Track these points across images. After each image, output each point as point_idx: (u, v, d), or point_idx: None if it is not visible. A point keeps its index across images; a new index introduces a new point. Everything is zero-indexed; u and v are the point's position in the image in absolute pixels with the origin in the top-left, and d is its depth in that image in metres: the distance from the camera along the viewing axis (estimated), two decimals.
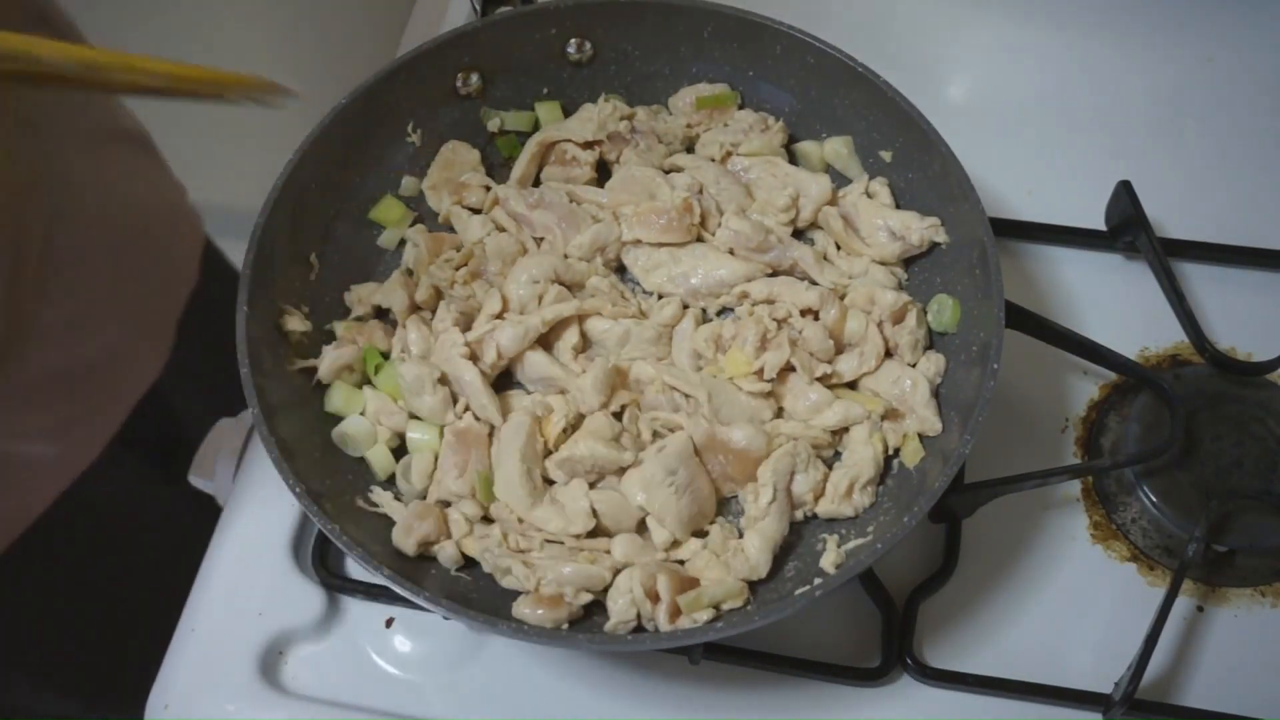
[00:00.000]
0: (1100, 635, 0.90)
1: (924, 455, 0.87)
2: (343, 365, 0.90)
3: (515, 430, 0.86)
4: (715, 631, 0.77)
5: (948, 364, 0.90)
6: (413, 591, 0.76)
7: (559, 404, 0.88)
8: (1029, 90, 1.17)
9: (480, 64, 1.00)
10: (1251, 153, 1.13)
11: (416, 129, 1.00)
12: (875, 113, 0.96)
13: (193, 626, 0.91)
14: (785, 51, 0.98)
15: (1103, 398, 0.99)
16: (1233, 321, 1.02)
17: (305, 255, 0.93)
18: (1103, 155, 1.12)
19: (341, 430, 0.89)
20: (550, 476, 0.87)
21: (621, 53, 1.02)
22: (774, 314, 0.90)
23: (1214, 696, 0.87)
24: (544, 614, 0.79)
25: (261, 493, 0.96)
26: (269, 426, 0.81)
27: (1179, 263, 1.04)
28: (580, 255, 0.95)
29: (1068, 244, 1.06)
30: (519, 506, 0.85)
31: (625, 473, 0.86)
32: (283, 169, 0.90)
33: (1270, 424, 0.95)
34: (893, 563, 0.91)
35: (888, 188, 0.97)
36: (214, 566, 0.94)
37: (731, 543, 0.84)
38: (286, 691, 0.88)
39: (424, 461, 0.88)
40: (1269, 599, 0.91)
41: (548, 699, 0.88)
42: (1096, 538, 0.94)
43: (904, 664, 0.87)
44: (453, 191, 0.99)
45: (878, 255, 0.95)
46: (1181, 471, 0.93)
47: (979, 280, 0.88)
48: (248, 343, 0.83)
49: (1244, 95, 1.16)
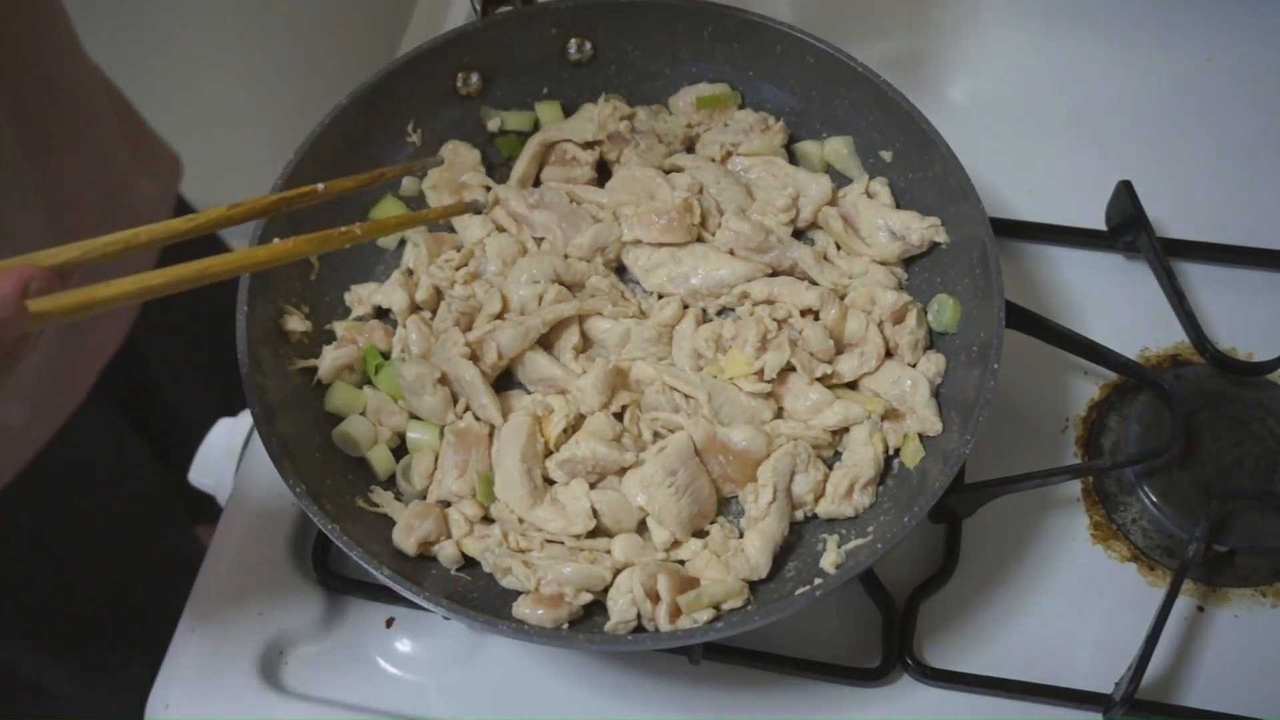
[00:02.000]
0: (1100, 635, 0.89)
1: (924, 455, 0.87)
2: (343, 365, 0.90)
3: (515, 430, 0.86)
4: (715, 631, 0.77)
5: (948, 364, 0.90)
6: (413, 591, 0.76)
7: (559, 404, 0.88)
8: (1029, 90, 1.17)
9: (480, 64, 1.00)
10: (1251, 153, 1.13)
11: (416, 129, 1.00)
12: (876, 113, 0.96)
13: (193, 626, 0.91)
14: (785, 51, 0.98)
15: (1103, 398, 0.99)
16: (1233, 321, 1.02)
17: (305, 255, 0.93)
18: (1103, 155, 1.12)
19: (341, 430, 0.89)
20: (551, 476, 0.87)
21: (621, 53, 1.02)
22: (774, 314, 0.90)
23: (1214, 696, 0.87)
24: (544, 614, 0.80)
25: (261, 493, 0.96)
26: (269, 426, 0.81)
27: (1179, 263, 1.04)
28: (580, 255, 0.95)
29: (1068, 244, 1.06)
30: (519, 506, 0.85)
31: (625, 473, 0.86)
32: (283, 169, 0.90)
33: (1270, 424, 0.95)
34: (893, 563, 0.91)
35: (888, 188, 0.97)
36: (214, 566, 0.94)
37: (732, 543, 0.84)
38: (286, 691, 0.88)
39: (424, 461, 0.88)
40: (1269, 599, 0.91)
41: (548, 699, 0.88)
42: (1097, 538, 0.94)
43: (904, 664, 0.87)
44: (453, 191, 0.99)
45: (878, 255, 0.95)
46: (1182, 471, 0.93)
47: (979, 280, 0.88)
48: (248, 343, 0.84)
49: (1244, 95, 1.16)
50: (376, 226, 0.81)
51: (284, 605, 0.91)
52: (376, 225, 0.81)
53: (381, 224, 0.85)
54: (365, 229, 0.76)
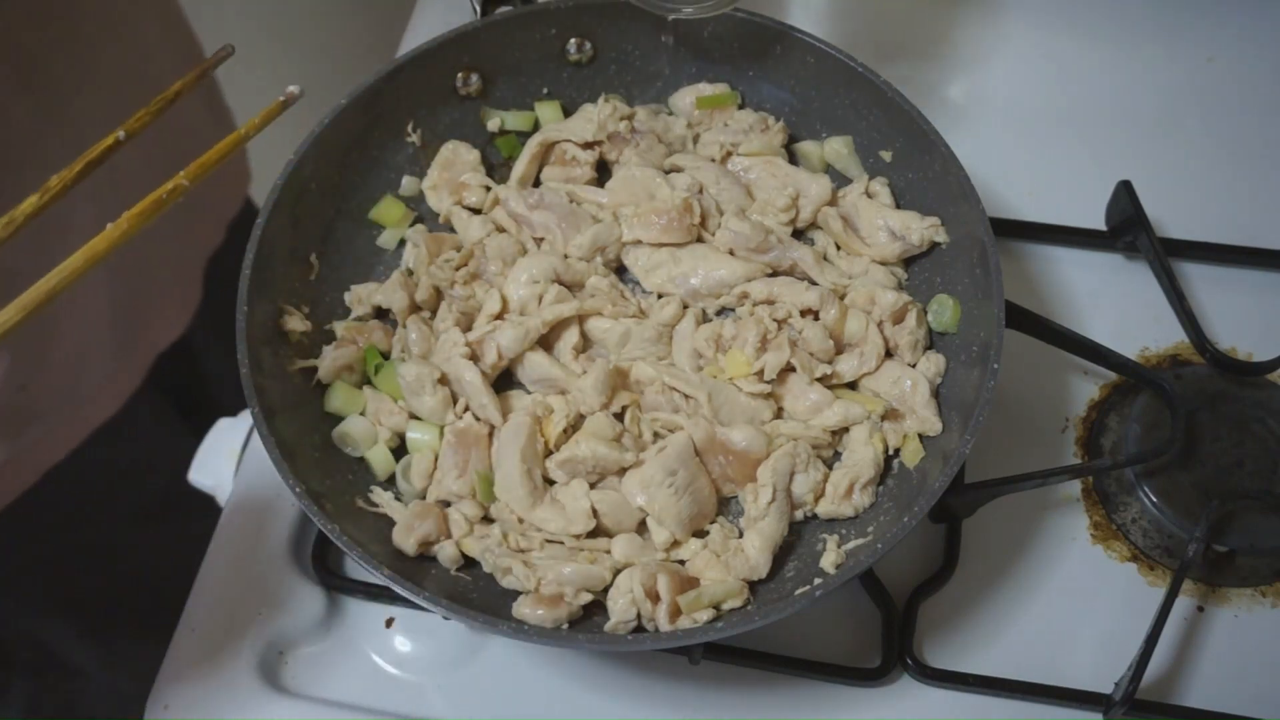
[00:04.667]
0: (1100, 635, 0.89)
1: (924, 455, 0.87)
2: (343, 365, 0.90)
3: (515, 430, 0.86)
4: (715, 631, 0.77)
5: (948, 364, 0.90)
6: (413, 591, 0.76)
7: (559, 404, 0.88)
8: (1029, 90, 1.17)
9: (480, 64, 1.00)
10: (1251, 153, 1.13)
11: (416, 129, 1.00)
12: (875, 113, 0.96)
13: (193, 626, 0.91)
14: (785, 51, 0.98)
15: (1103, 398, 0.99)
16: (1233, 321, 1.02)
17: (305, 255, 0.93)
18: (1103, 155, 1.12)
19: (341, 430, 0.89)
20: (551, 476, 0.87)
21: (621, 53, 1.02)
22: (774, 314, 0.90)
23: (1214, 696, 0.87)
24: (544, 614, 0.79)
25: (261, 493, 0.96)
26: (269, 426, 0.81)
27: (1179, 263, 1.04)
28: (580, 255, 0.95)
29: (1068, 244, 1.06)
30: (519, 506, 0.85)
31: (625, 473, 0.86)
32: (283, 169, 0.90)
33: (1270, 424, 0.95)
34: (893, 563, 0.91)
35: (888, 188, 0.97)
36: (214, 566, 0.94)
37: (731, 542, 0.84)
38: (286, 691, 0.88)
39: (424, 461, 0.88)
40: (1269, 599, 0.91)
41: (548, 699, 0.88)
42: (1097, 538, 0.94)
43: (904, 664, 0.87)
44: (453, 191, 0.99)
45: (878, 255, 0.95)
46: (1181, 471, 0.93)
47: (979, 280, 0.88)
48: (248, 343, 0.84)
49: (1244, 95, 1.16)
50: (200, 168, 0.78)
51: (284, 605, 0.91)
52: (200, 167, 0.78)
53: (203, 164, 0.78)
54: (190, 175, 0.76)
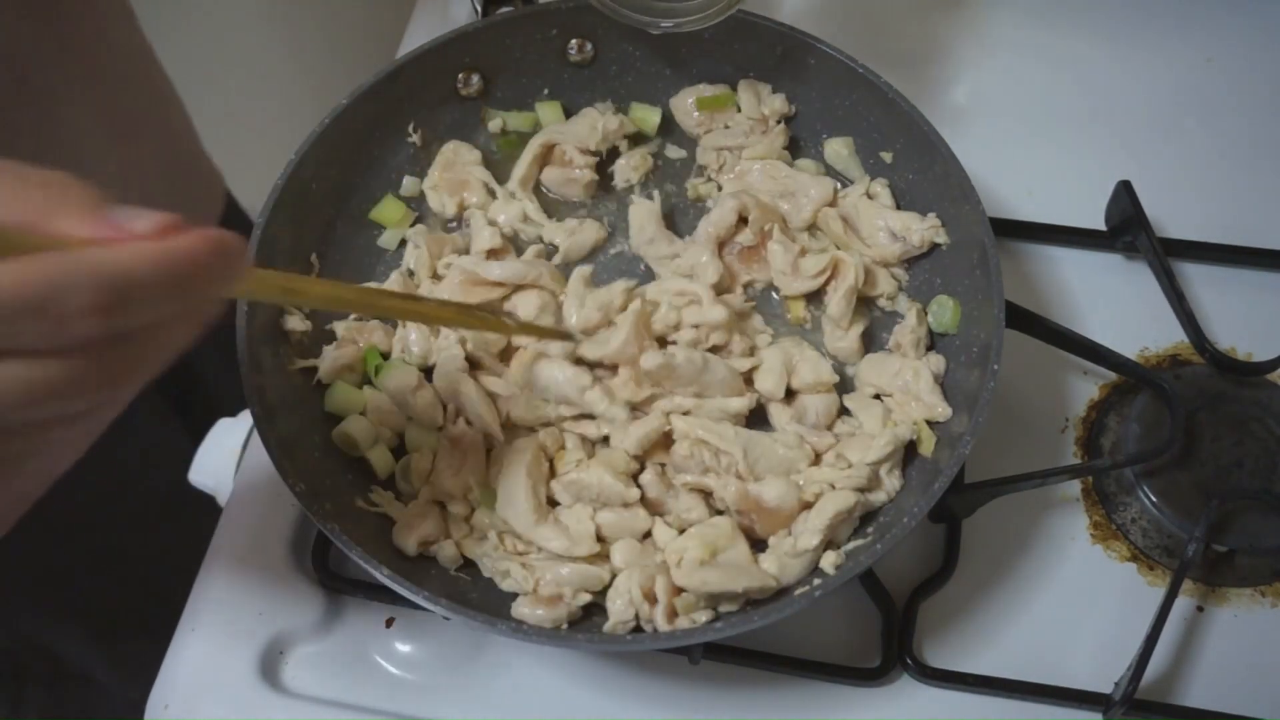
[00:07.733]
0: (1100, 635, 0.90)
1: (937, 440, 0.86)
2: (343, 365, 0.90)
3: (520, 449, 0.85)
4: (715, 631, 0.77)
5: (948, 365, 0.90)
6: (413, 591, 0.76)
7: (574, 445, 0.86)
8: (1029, 90, 1.17)
9: (481, 64, 1.00)
10: (1251, 153, 1.13)
11: (417, 129, 1.00)
12: (876, 114, 0.96)
13: (193, 626, 0.91)
14: (785, 52, 0.98)
15: (1103, 398, 0.99)
16: (1233, 321, 1.02)
17: (305, 255, 0.93)
18: (1103, 155, 1.12)
19: (341, 430, 0.89)
20: (555, 498, 0.85)
21: (622, 53, 1.02)
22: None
23: (1214, 696, 0.87)
24: (543, 614, 0.79)
25: (261, 493, 0.96)
26: (269, 426, 0.81)
27: (1179, 263, 1.04)
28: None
29: (1068, 244, 1.06)
30: (522, 524, 0.83)
31: (656, 522, 0.84)
32: (283, 169, 0.90)
33: (1270, 424, 0.95)
34: (893, 563, 0.91)
35: (888, 189, 0.97)
36: (214, 566, 0.94)
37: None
38: (286, 691, 0.88)
39: (423, 462, 0.88)
40: (1269, 599, 0.91)
41: (548, 699, 0.88)
42: (1096, 538, 0.94)
43: (904, 664, 0.87)
44: (453, 192, 0.99)
45: (878, 256, 0.95)
46: (1181, 471, 0.93)
47: (979, 281, 0.88)
48: (248, 342, 0.84)
49: (1244, 95, 1.16)
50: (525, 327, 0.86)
51: (284, 605, 0.91)
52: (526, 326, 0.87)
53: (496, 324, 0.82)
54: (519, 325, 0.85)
